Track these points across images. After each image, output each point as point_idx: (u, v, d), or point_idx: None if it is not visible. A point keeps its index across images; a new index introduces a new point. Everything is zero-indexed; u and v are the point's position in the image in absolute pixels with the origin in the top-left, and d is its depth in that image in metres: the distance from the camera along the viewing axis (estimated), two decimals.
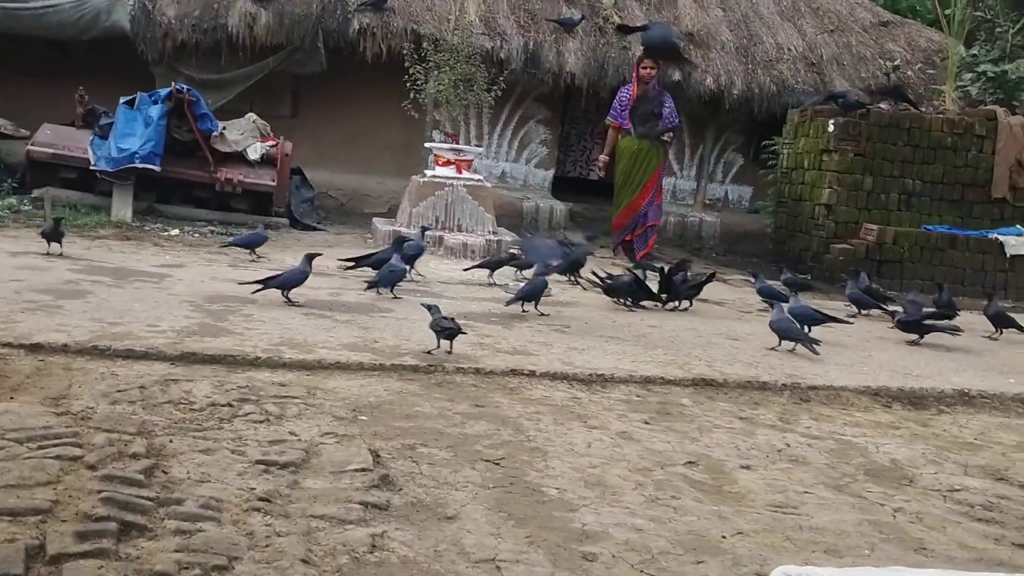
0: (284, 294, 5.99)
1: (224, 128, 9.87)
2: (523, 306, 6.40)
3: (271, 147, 10.01)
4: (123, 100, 9.44)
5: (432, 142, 10.71)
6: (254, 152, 9.90)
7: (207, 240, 8.80)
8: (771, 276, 8.23)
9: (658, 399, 4.73)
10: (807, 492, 3.63)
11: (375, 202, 12.12)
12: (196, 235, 8.94)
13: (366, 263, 7.29)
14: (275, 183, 9.89)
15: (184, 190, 9.93)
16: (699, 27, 12.70)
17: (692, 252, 12.12)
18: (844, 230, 10.20)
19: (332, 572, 2.51)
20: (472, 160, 10.15)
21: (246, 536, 2.64)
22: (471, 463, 3.51)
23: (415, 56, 10.23)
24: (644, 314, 7.01)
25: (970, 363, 6.30)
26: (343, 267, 7.51)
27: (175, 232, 8.90)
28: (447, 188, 9.64)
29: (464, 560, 2.70)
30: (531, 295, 6.41)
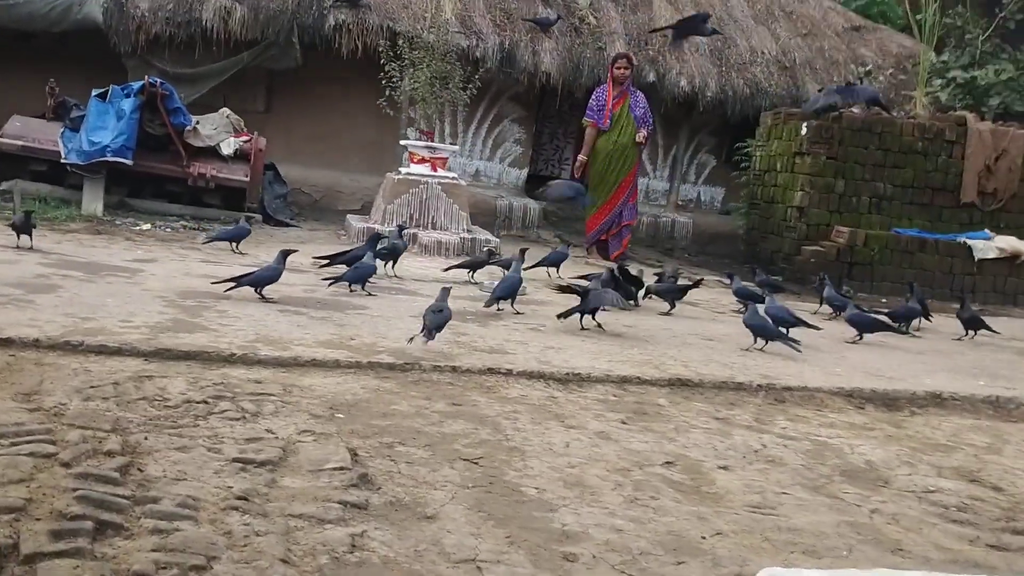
0: (257, 291, 5.94)
1: (197, 122, 9.77)
2: (498, 305, 6.39)
3: (245, 142, 9.94)
4: (95, 93, 9.33)
5: (407, 139, 10.67)
6: (227, 147, 9.82)
7: (179, 235, 8.71)
8: (744, 277, 8.27)
9: (635, 399, 4.74)
10: (784, 493, 3.64)
11: (349, 199, 12.06)
12: (168, 230, 8.84)
13: (340, 260, 7.24)
14: (248, 179, 9.82)
15: (156, 184, 9.84)
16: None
17: (664, 252, 12.19)
18: (816, 232, 10.28)
19: (312, 572, 2.49)
20: (447, 158, 10.12)
21: (224, 535, 2.60)
22: (449, 462, 3.49)
23: (391, 53, 10.18)
24: (619, 314, 7.01)
25: (941, 365, 6.37)
26: (317, 264, 7.45)
27: (147, 227, 8.80)
28: (422, 186, 9.61)
29: (444, 560, 2.68)
30: (507, 293, 6.39)
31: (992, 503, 3.81)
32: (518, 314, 6.41)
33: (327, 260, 7.34)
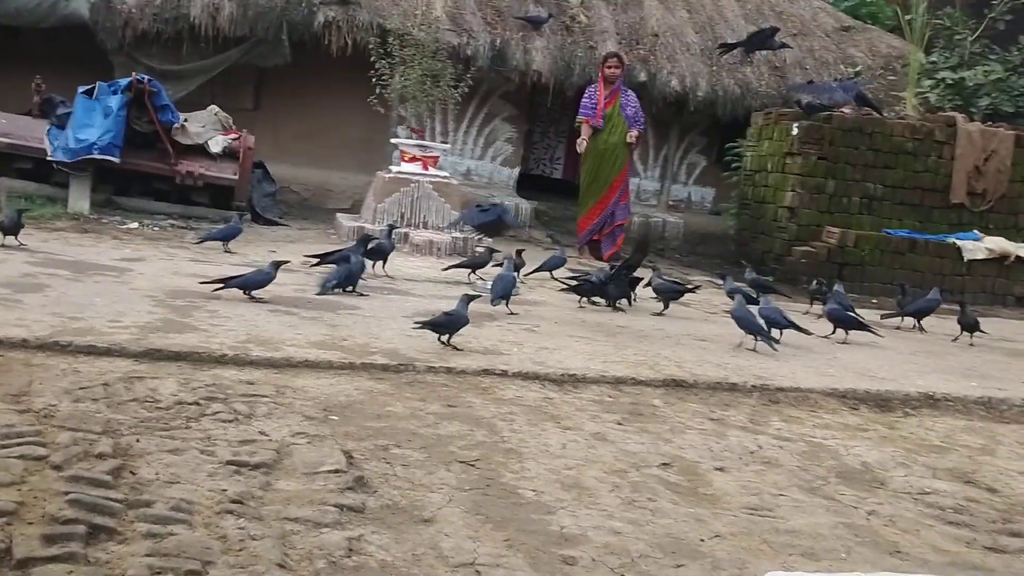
0: (246, 292, 5.89)
1: (186, 120, 9.68)
2: (505, 304, 6.39)
3: (233, 140, 9.85)
4: (82, 90, 9.22)
5: (397, 138, 10.62)
6: (216, 145, 9.73)
7: (167, 233, 8.63)
8: (736, 277, 8.25)
9: (630, 400, 4.71)
10: (781, 494, 3.63)
11: (338, 198, 12.00)
12: (156, 228, 8.76)
13: (329, 260, 7.20)
14: (237, 177, 9.73)
15: (143, 182, 9.74)
16: (664, 28, 12.74)
17: (656, 253, 12.15)
18: (806, 233, 10.28)
19: None
20: (438, 157, 10.07)
21: (219, 540, 2.57)
22: (446, 464, 3.46)
23: (381, 51, 10.13)
24: (613, 314, 7.00)
25: (933, 366, 6.37)
26: (308, 264, 7.40)
27: (134, 225, 8.72)
28: (413, 184, 9.55)
29: (443, 564, 2.65)
30: (508, 292, 6.39)
31: (987, 505, 3.81)
32: (511, 314, 6.38)
33: (317, 259, 7.30)
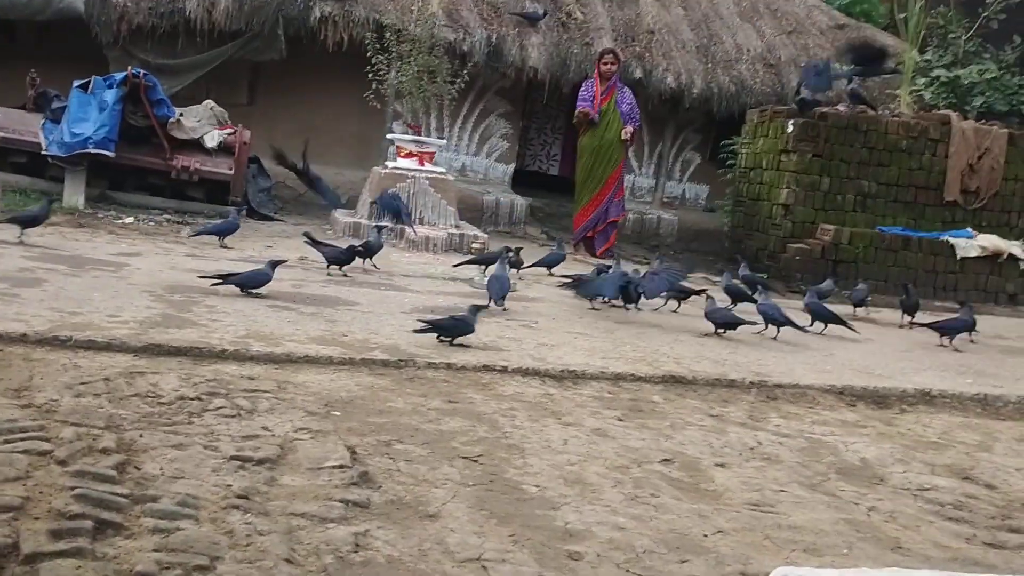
0: (244, 291, 5.88)
1: (181, 114, 9.67)
2: (504, 304, 6.43)
3: (229, 135, 9.83)
4: (77, 83, 9.19)
5: (393, 133, 10.61)
6: (211, 140, 9.72)
7: (163, 228, 8.61)
8: (732, 274, 8.26)
9: (630, 396, 4.73)
10: (782, 491, 3.64)
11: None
12: (151, 223, 8.75)
13: (321, 251, 7.28)
14: (233, 172, 9.72)
15: (138, 177, 9.72)
16: (660, 25, 12.75)
17: (650, 249, 12.18)
18: (801, 230, 10.30)
19: (317, 572, 2.45)
20: (434, 152, 10.08)
21: (226, 535, 2.57)
22: (449, 460, 3.46)
23: (378, 46, 10.12)
24: (610, 311, 7.01)
25: (929, 363, 6.40)
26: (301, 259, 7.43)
27: (130, 220, 8.70)
28: (409, 180, 9.56)
29: (449, 560, 2.66)
30: (506, 290, 6.40)
31: (986, 501, 3.83)
32: (505, 310, 6.39)
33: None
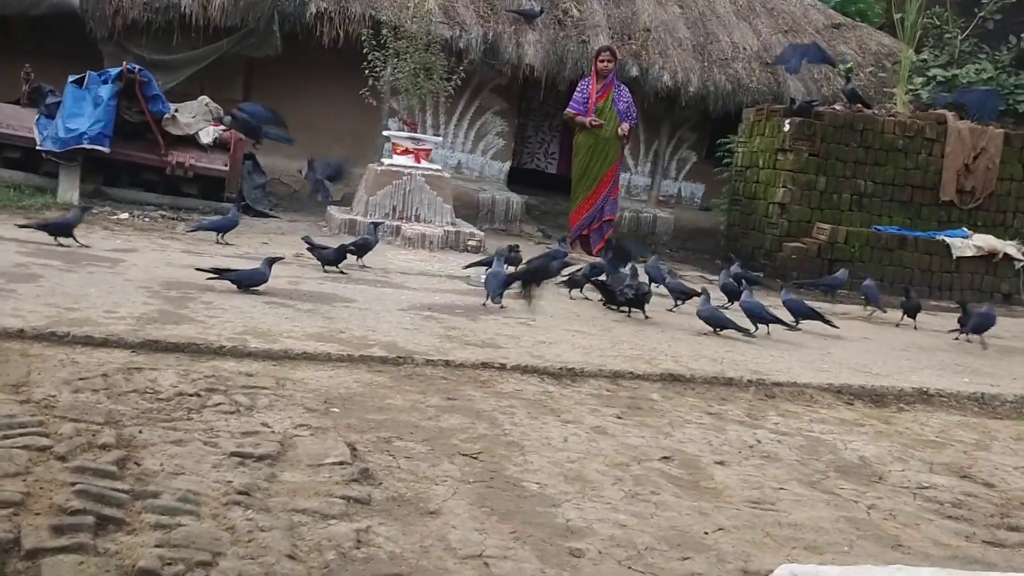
0: (240, 288, 5.87)
1: (176, 110, 9.64)
2: (502, 302, 6.42)
3: (224, 131, 9.80)
4: (72, 79, 9.16)
5: (389, 130, 10.59)
6: (206, 136, 9.69)
7: (158, 224, 8.59)
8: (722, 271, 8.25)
9: (628, 394, 4.72)
10: (782, 488, 3.64)
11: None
12: (146, 219, 8.72)
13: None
14: (228, 168, 9.69)
15: (132, 173, 9.69)
16: (657, 23, 12.75)
17: (646, 247, 12.18)
18: (797, 229, 10.33)
19: (320, 568, 2.44)
20: (431, 149, 10.07)
21: (227, 531, 2.55)
22: (449, 457, 3.45)
23: (374, 42, 10.09)
24: (607, 310, 7.00)
25: (925, 362, 6.41)
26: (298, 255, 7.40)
27: (124, 216, 8.67)
28: (405, 177, 9.55)
29: (451, 556, 2.65)
30: (504, 288, 6.40)
31: (985, 499, 3.84)
32: (501, 308, 6.39)
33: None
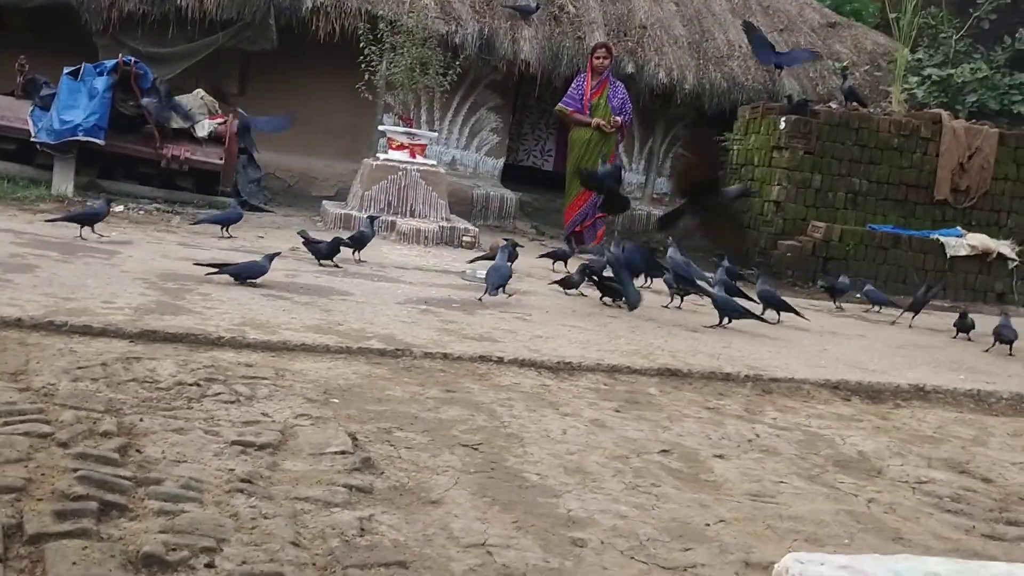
0: (239, 281, 5.86)
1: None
2: (503, 292, 6.46)
3: (219, 124, 9.77)
4: (67, 70, 9.11)
5: (384, 125, 10.57)
6: (202, 129, 9.65)
7: (153, 217, 8.56)
8: (712, 268, 8.22)
9: (626, 388, 4.72)
10: (782, 482, 3.65)
11: (323, 185, 11.93)
12: (142, 212, 8.69)
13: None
14: (223, 162, 9.66)
15: (127, 166, 9.64)
16: (653, 20, 12.75)
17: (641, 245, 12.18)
18: (792, 227, 10.33)
19: (324, 555, 2.44)
20: (426, 145, 10.05)
21: (231, 518, 2.55)
22: (449, 448, 3.45)
23: (371, 36, 10.07)
24: (602, 306, 7.00)
25: (921, 359, 6.43)
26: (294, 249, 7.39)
27: (119, 208, 8.62)
28: (400, 172, 9.53)
29: (454, 544, 2.64)
30: (504, 281, 6.45)
31: (984, 494, 3.85)
32: (509, 296, 6.44)
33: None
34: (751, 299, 7.09)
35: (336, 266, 7.05)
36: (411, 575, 2.43)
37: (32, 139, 8.91)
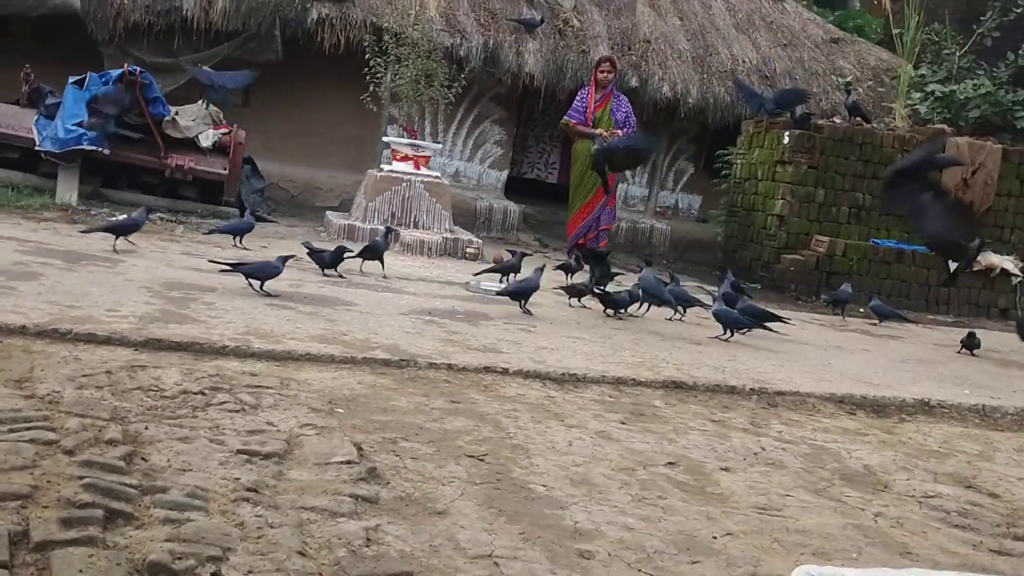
0: (251, 281, 5.86)
1: (176, 113, 9.60)
2: (521, 304, 6.55)
3: (224, 135, 9.78)
4: (72, 80, 9.13)
5: (389, 137, 10.59)
6: (206, 139, 9.65)
7: (157, 227, 8.54)
8: (716, 282, 8.24)
9: (631, 400, 4.71)
10: (788, 495, 3.63)
11: (326, 195, 11.95)
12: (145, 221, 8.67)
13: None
14: (227, 172, 9.65)
15: (131, 175, 9.64)
16: (657, 35, 12.79)
17: (642, 258, 12.18)
18: (795, 241, 10.33)
19: (330, 565, 2.42)
20: (430, 156, 10.06)
21: (237, 527, 2.53)
22: (455, 458, 3.44)
23: (376, 48, 10.10)
24: (606, 317, 6.99)
25: (925, 373, 6.41)
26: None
27: (123, 217, 8.62)
28: (404, 183, 9.53)
29: (461, 556, 2.63)
30: (522, 292, 6.49)
31: (991, 509, 3.83)
32: (527, 314, 6.51)
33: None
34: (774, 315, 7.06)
35: (340, 276, 7.05)
36: None
37: (37, 148, 8.91)
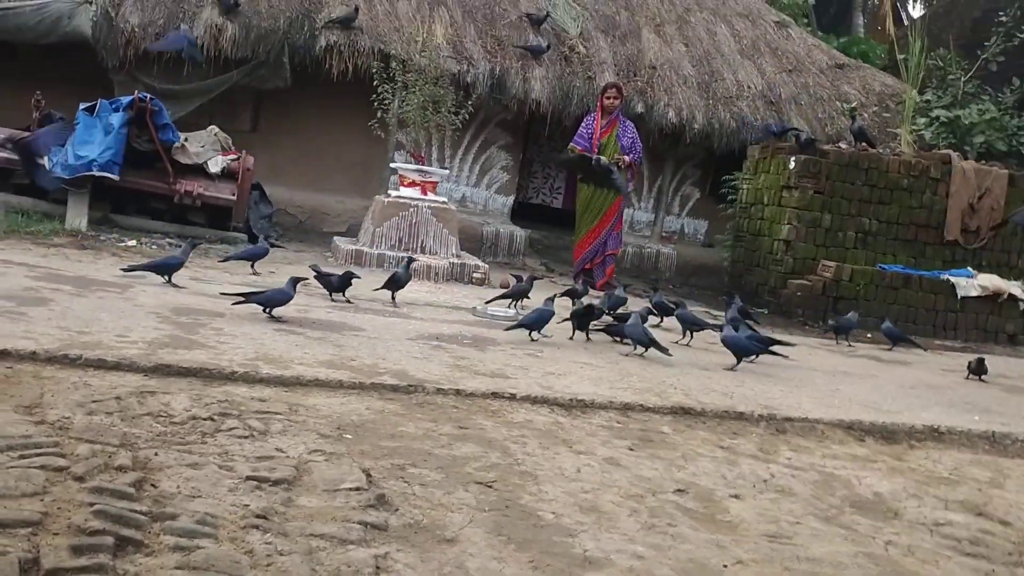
0: (266, 311, 5.89)
1: (186, 139, 9.68)
2: (531, 334, 6.51)
3: (232, 161, 9.84)
4: (83, 106, 9.21)
5: (396, 162, 10.64)
6: (215, 165, 9.72)
7: (165, 252, 8.58)
8: (723, 307, 8.25)
9: (639, 426, 4.70)
10: (798, 523, 3.62)
11: (334, 221, 11.99)
12: (154, 247, 8.72)
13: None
14: (235, 197, 9.71)
15: (139, 201, 9.71)
16: (662, 61, 12.87)
17: (649, 283, 12.19)
18: (802, 266, 10.34)
19: None
20: (437, 182, 10.10)
21: (247, 554, 2.53)
22: (463, 485, 3.43)
23: (383, 75, 10.17)
24: (613, 343, 6.99)
25: (934, 399, 6.39)
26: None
27: (132, 243, 8.67)
28: (412, 209, 9.57)
29: None
30: (537, 323, 6.48)
31: (1002, 537, 3.81)
32: (545, 336, 6.54)
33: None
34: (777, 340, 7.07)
35: (348, 300, 7.07)
36: None
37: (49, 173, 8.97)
